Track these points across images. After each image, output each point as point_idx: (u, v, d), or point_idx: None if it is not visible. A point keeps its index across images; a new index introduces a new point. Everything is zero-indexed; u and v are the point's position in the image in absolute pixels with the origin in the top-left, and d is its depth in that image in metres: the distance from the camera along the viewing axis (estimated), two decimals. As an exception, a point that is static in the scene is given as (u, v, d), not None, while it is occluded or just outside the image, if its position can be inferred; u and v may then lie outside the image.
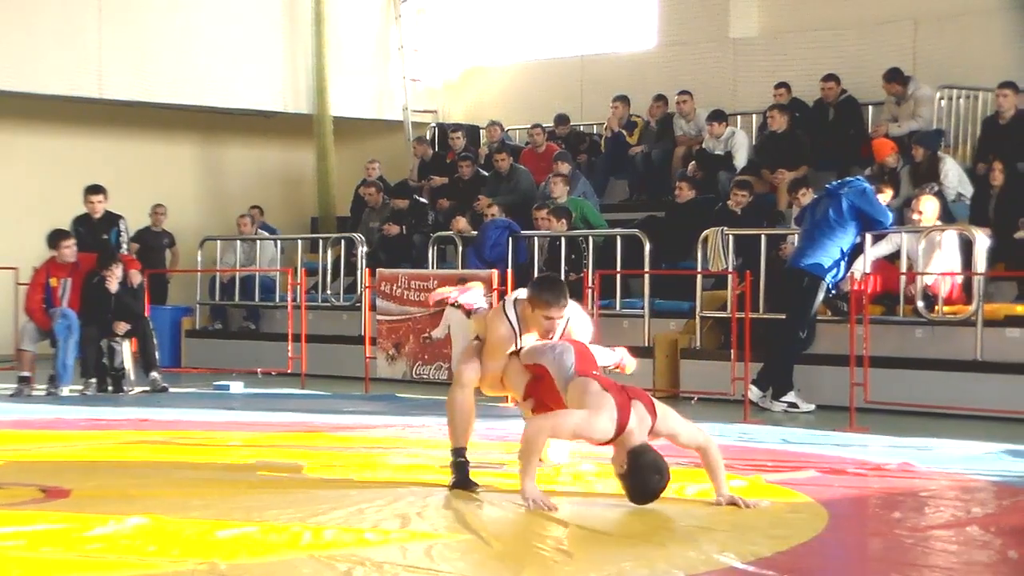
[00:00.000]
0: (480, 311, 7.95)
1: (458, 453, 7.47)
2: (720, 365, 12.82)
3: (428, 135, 20.56)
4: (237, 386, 14.59)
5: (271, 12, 19.99)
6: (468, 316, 8.04)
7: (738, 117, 17.52)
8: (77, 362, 13.75)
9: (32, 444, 9.51)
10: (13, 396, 13.30)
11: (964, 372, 12.16)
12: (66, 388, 13.51)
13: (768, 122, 16.15)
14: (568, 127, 19.04)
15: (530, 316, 7.34)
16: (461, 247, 16.13)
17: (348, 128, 20.60)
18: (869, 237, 12.49)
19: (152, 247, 18.21)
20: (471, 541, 6.03)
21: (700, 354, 13.69)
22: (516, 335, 7.38)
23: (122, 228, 14.82)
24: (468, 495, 7.17)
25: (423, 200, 18.10)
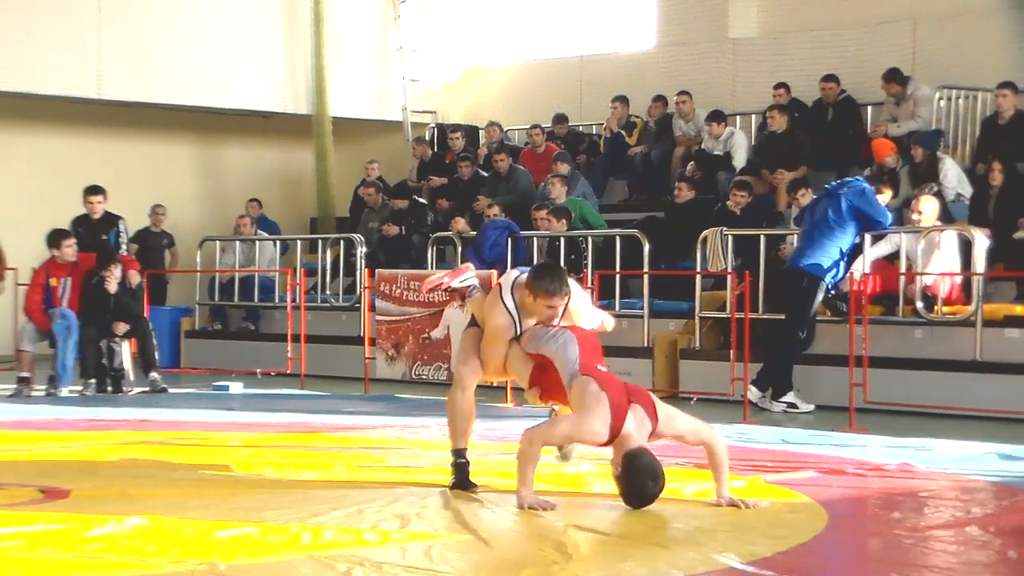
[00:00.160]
0: (475, 294, 7.83)
1: (458, 454, 7.46)
2: (719, 365, 12.82)
3: (427, 135, 20.56)
4: (236, 387, 14.59)
5: (270, 12, 20.00)
6: (464, 300, 7.94)
7: (737, 117, 17.52)
8: (76, 363, 13.75)
9: (31, 444, 9.51)
10: (12, 397, 13.29)
11: (963, 372, 12.16)
12: (65, 389, 13.51)
13: (768, 122, 16.15)
14: (566, 126, 19.05)
15: (530, 304, 7.24)
16: (460, 247, 16.13)
17: (347, 128, 20.61)
18: (868, 237, 12.49)
19: (151, 247, 18.21)
20: (470, 542, 6.03)
21: (699, 354, 13.69)
22: (515, 323, 7.28)
23: (121, 229, 14.83)
24: (468, 495, 7.17)
25: (422, 200, 18.10)
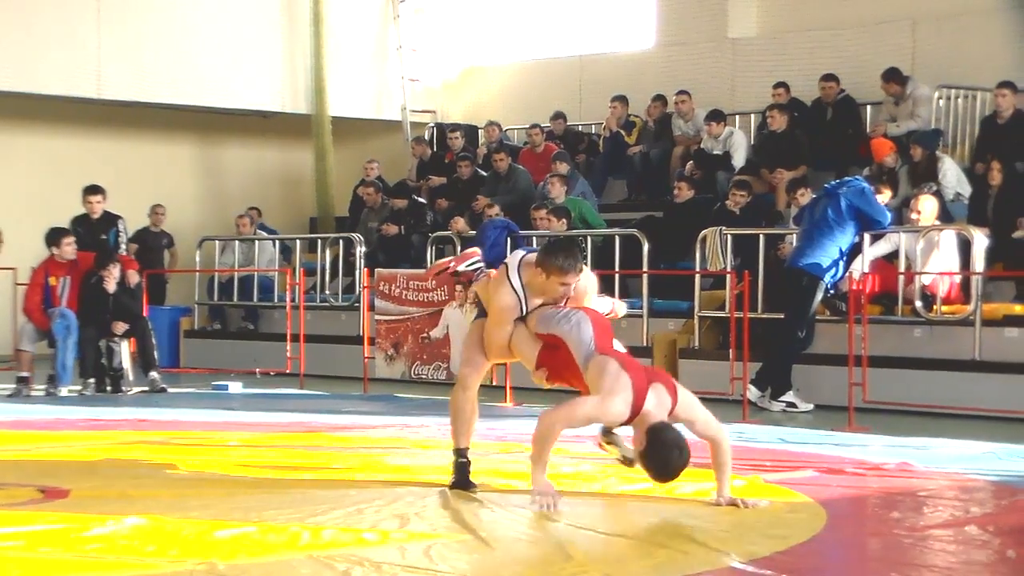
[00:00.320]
0: (481, 277, 7.70)
1: (460, 454, 7.45)
2: (719, 365, 12.82)
3: (427, 135, 20.56)
4: (236, 386, 14.59)
5: (270, 12, 19.99)
6: (469, 284, 7.80)
7: (736, 117, 17.52)
8: (76, 362, 13.75)
9: (31, 444, 9.51)
10: (11, 396, 13.30)
11: (962, 372, 12.17)
12: (65, 389, 13.51)
13: (768, 122, 16.14)
14: (564, 124, 19.04)
15: (540, 282, 7.10)
16: (460, 247, 16.12)
17: (347, 128, 20.60)
18: (868, 237, 12.49)
19: (151, 247, 18.21)
20: (470, 541, 6.03)
21: (699, 354, 13.70)
22: (521, 302, 7.17)
23: (121, 228, 14.83)
24: (467, 495, 7.17)
25: (422, 200, 18.10)
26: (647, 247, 14.44)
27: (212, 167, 21.27)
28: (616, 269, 14.52)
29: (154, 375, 13.95)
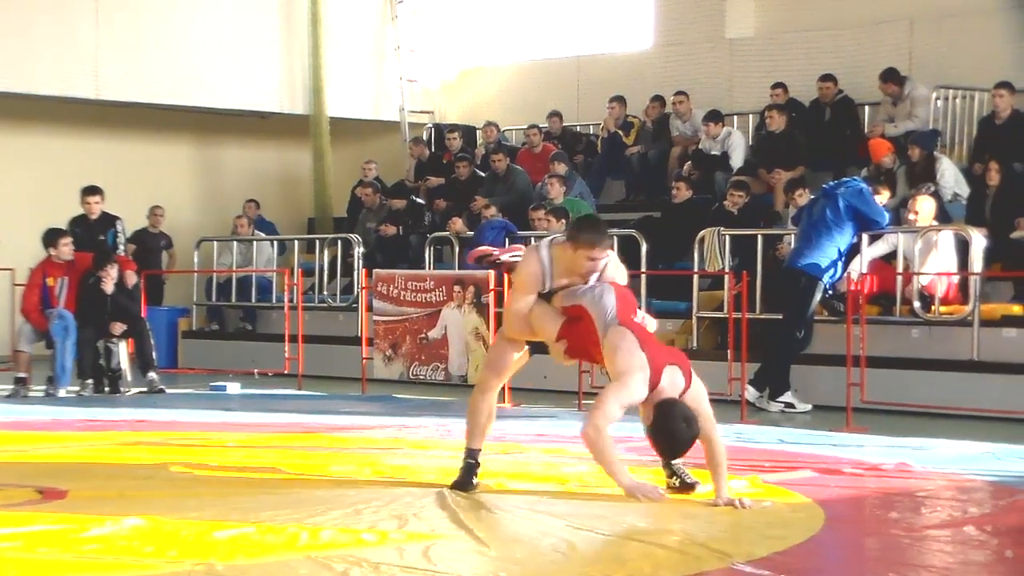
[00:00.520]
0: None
1: (470, 455, 7.45)
2: (717, 365, 12.81)
3: (425, 136, 20.55)
4: (234, 387, 14.58)
5: (267, 13, 19.99)
6: (509, 273, 7.64)
7: (734, 117, 17.52)
8: (74, 363, 13.74)
9: (29, 445, 9.51)
10: (10, 397, 13.29)
11: (961, 372, 12.17)
12: (64, 390, 13.49)
13: (766, 122, 16.14)
14: (560, 123, 19.03)
15: (569, 258, 7.04)
16: (458, 248, 16.13)
17: (345, 128, 20.60)
18: (866, 237, 12.49)
19: (149, 248, 18.20)
20: (468, 542, 6.02)
21: (697, 354, 13.64)
22: (546, 275, 7.11)
23: (119, 229, 14.83)
24: (465, 496, 7.16)
25: (420, 201, 18.11)
26: (645, 247, 14.44)
27: (210, 167, 21.27)
28: (614, 269, 14.50)
29: (152, 376, 13.94)
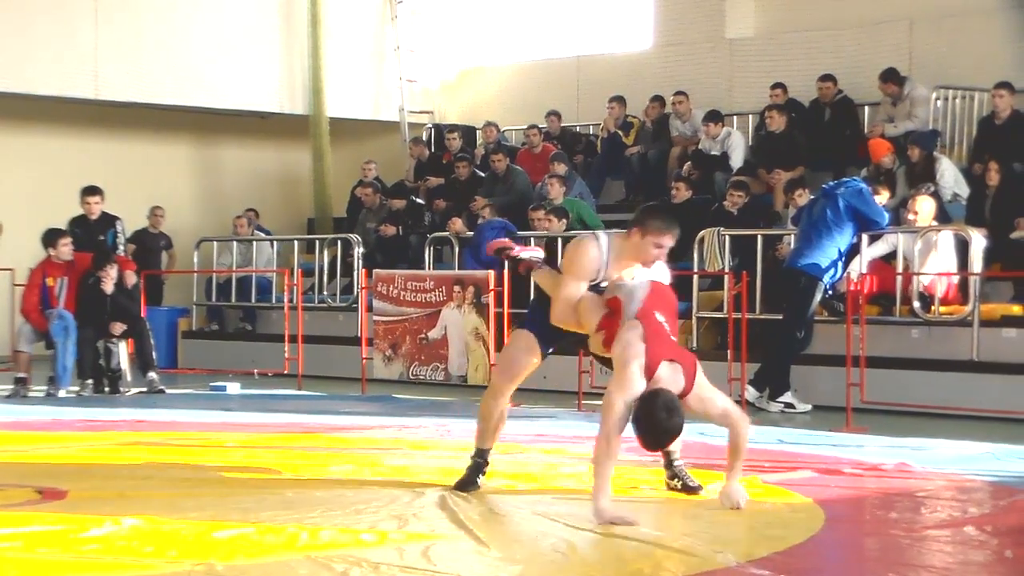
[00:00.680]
0: (542, 267, 7.49)
1: (479, 454, 7.47)
2: (717, 365, 12.77)
3: (424, 136, 20.55)
4: (234, 387, 14.58)
5: (267, 13, 19.99)
6: (528, 272, 7.56)
7: (734, 118, 17.51)
8: (74, 363, 13.73)
9: (28, 445, 9.50)
10: (9, 397, 13.29)
11: (960, 372, 12.17)
12: (65, 390, 13.49)
13: (766, 122, 16.14)
14: (559, 123, 19.03)
15: (634, 245, 6.99)
16: (457, 248, 16.13)
17: (344, 129, 20.60)
18: (865, 237, 12.49)
19: (149, 248, 18.21)
20: (468, 542, 6.02)
21: (697, 354, 13.59)
22: (603, 264, 7.03)
23: (119, 229, 14.83)
24: (464, 496, 7.15)
25: (420, 201, 18.10)
26: (645, 248, 14.40)
27: (210, 168, 21.27)
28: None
29: (152, 376, 13.94)
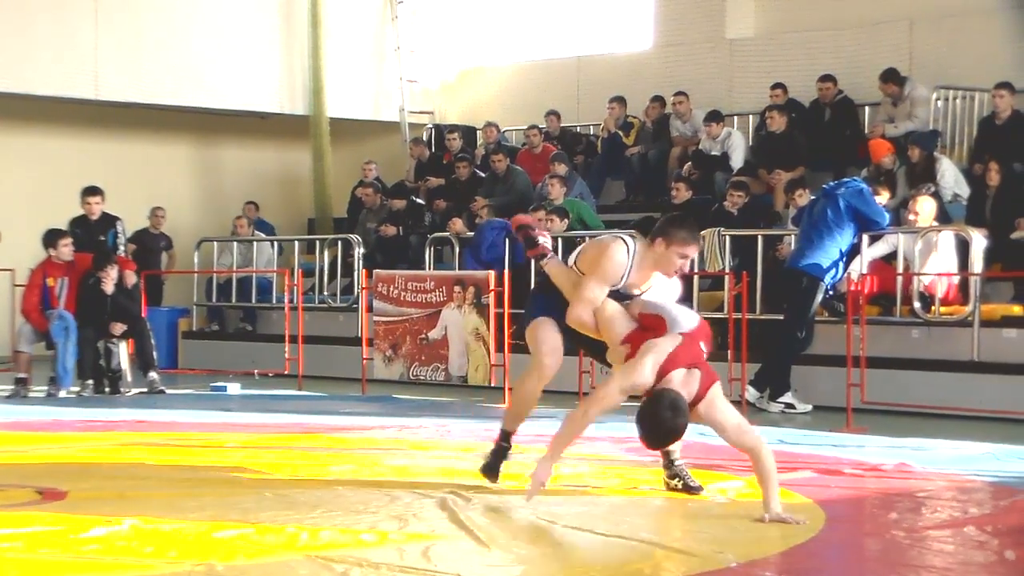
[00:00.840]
0: (551, 256, 7.37)
1: (505, 437, 7.44)
2: (717, 366, 12.68)
3: (425, 136, 20.55)
4: (234, 387, 14.58)
5: (267, 13, 19.99)
6: (537, 259, 7.36)
7: (734, 118, 17.51)
8: (74, 363, 13.73)
9: (28, 446, 9.50)
10: (9, 398, 13.29)
11: (961, 373, 12.16)
12: (66, 390, 13.49)
13: (767, 123, 16.14)
14: (558, 123, 19.02)
15: (658, 255, 6.97)
16: (458, 248, 16.13)
17: (344, 129, 20.60)
18: (866, 238, 12.48)
19: (149, 248, 18.21)
20: (468, 542, 6.02)
21: (697, 355, 13.67)
22: (627, 270, 7.02)
23: (119, 230, 14.82)
24: (466, 496, 7.13)
25: (420, 201, 18.10)
26: (645, 248, 14.40)
27: (210, 168, 21.27)
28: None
29: (153, 376, 13.94)
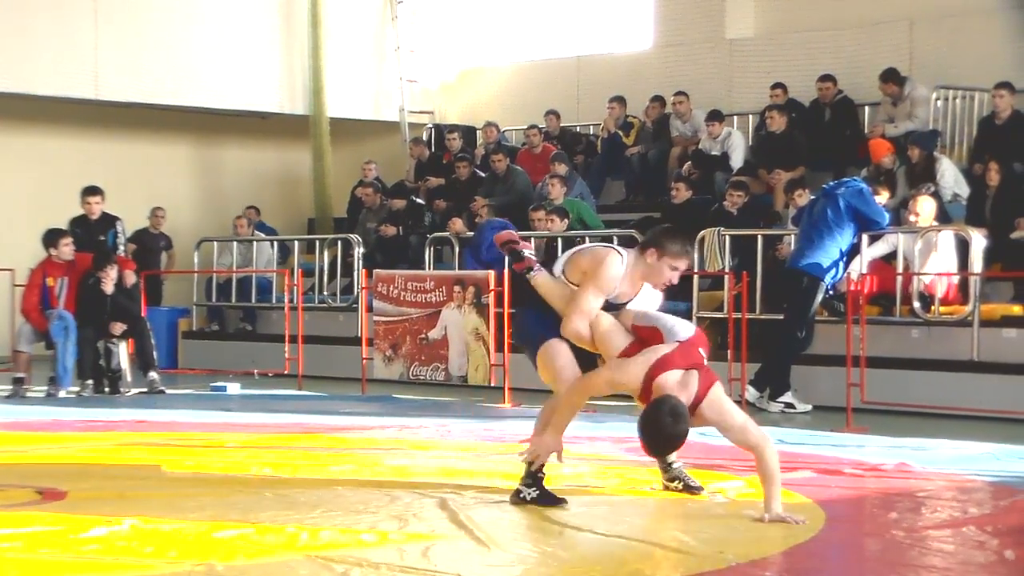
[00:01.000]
0: (538, 269, 7.24)
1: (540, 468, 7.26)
2: (717, 366, 12.71)
3: (424, 136, 20.55)
4: (234, 387, 14.58)
5: (268, 13, 19.99)
6: (524, 272, 7.20)
7: (734, 118, 17.51)
8: (74, 363, 13.73)
9: (28, 446, 9.51)
10: (9, 398, 13.29)
11: (961, 372, 12.16)
12: (66, 390, 13.49)
13: (767, 123, 16.14)
14: (558, 122, 19.02)
15: (648, 266, 6.90)
16: (458, 248, 16.13)
17: (344, 129, 20.60)
18: (866, 238, 12.48)
19: (149, 248, 18.21)
20: (468, 542, 6.02)
21: (697, 354, 13.66)
22: (619, 282, 6.94)
23: (119, 230, 14.82)
24: (466, 496, 7.14)
25: (420, 201, 18.10)
26: (645, 248, 14.40)
27: (210, 168, 21.27)
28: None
29: (153, 376, 13.93)
